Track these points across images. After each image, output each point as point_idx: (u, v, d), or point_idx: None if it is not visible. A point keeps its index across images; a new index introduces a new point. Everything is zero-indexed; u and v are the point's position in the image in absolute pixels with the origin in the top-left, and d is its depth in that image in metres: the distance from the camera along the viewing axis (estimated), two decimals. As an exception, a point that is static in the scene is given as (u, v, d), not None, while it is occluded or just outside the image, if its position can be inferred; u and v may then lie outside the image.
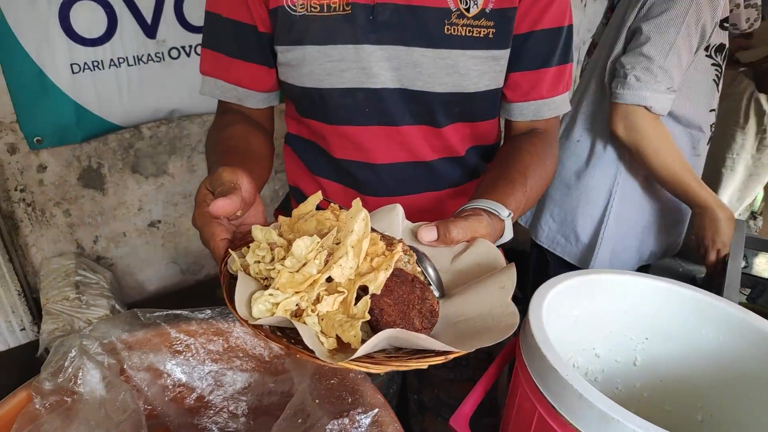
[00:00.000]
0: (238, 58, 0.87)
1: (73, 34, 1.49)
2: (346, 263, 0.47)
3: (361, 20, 0.79)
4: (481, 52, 0.82)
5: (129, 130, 1.70)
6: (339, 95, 0.84)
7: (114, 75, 1.58)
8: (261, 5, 0.82)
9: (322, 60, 0.81)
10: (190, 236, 1.95)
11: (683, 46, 1.13)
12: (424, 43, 0.80)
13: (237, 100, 0.90)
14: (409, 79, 0.83)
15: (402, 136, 0.88)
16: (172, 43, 1.65)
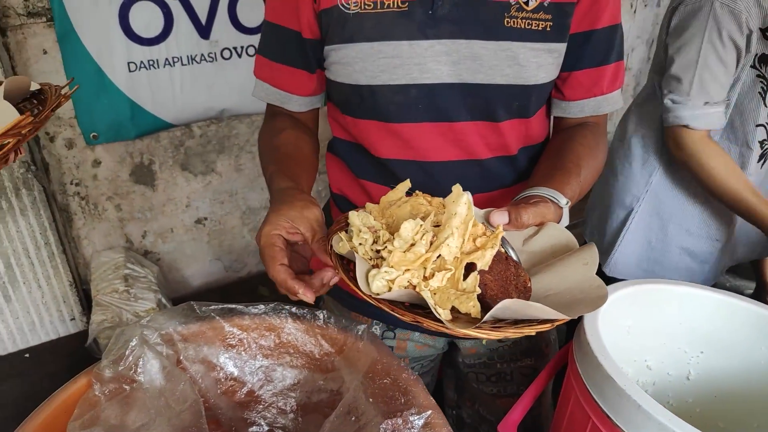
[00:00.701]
0: (281, 62, 0.90)
1: (131, 33, 1.55)
2: (453, 242, 0.51)
3: (419, 16, 0.80)
4: (539, 44, 0.83)
5: (180, 128, 1.75)
6: (391, 92, 0.84)
7: (168, 74, 1.63)
8: (310, 10, 0.85)
9: (375, 56, 0.83)
10: (234, 234, 1.99)
11: (712, 60, 1.13)
12: (484, 35, 0.81)
13: (280, 102, 0.93)
14: (469, 73, 0.83)
15: (457, 133, 0.88)
16: (224, 43, 1.69)
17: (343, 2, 0.81)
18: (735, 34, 1.12)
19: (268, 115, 0.98)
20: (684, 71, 1.16)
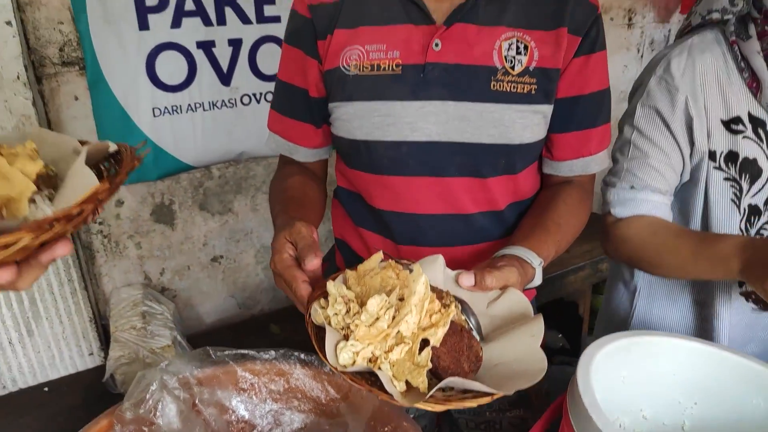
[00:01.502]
0: (290, 117, 1.00)
1: (156, 81, 1.63)
2: (411, 319, 0.57)
3: (411, 79, 0.88)
4: (524, 106, 0.89)
5: (200, 169, 1.83)
6: (384, 147, 0.92)
7: (190, 119, 1.71)
8: (316, 71, 0.94)
9: (371, 114, 0.90)
10: (248, 272, 2.04)
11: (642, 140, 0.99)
12: (471, 98, 0.88)
13: (289, 153, 1.03)
14: (457, 132, 0.89)
15: (445, 188, 0.94)
16: (244, 90, 1.78)
17: (344, 65, 0.90)
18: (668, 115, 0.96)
19: (280, 164, 1.08)
20: (619, 151, 1.04)
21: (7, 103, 1.42)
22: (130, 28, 1.55)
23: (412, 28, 0.88)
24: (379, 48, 0.88)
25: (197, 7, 1.61)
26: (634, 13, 2.69)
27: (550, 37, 0.87)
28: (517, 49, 0.87)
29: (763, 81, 0.90)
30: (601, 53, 0.92)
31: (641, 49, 2.81)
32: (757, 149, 0.93)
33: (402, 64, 0.88)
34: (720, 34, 0.95)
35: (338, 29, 0.90)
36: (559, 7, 0.87)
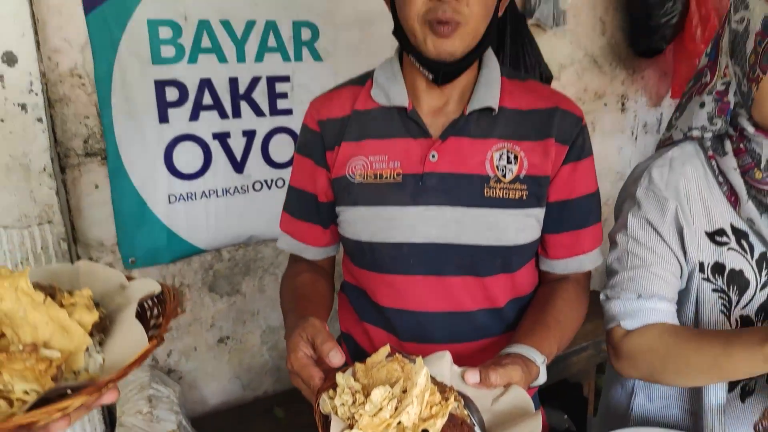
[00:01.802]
0: (300, 219, 1.08)
1: (173, 169, 1.71)
2: (412, 410, 0.60)
3: (411, 186, 0.95)
4: (517, 210, 0.95)
5: (211, 252, 1.87)
6: (387, 248, 0.98)
7: (204, 205, 1.78)
8: (325, 178, 1.03)
9: (374, 218, 0.97)
10: (254, 353, 2.05)
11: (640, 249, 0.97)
12: (467, 203, 0.94)
13: (299, 252, 1.10)
14: (454, 234, 0.95)
15: (445, 286, 0.99)
16: (256, 177, 1.85)
17: (350, 173, 0.99)
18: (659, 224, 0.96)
19: (291, 261, 1.16)
20: (616, 262, 1.01)
21: (32, 193, 1.48)
22: (151, 121, 1.64)
23: (411, 141, 0.96)
24: (381, 159, 0.96)
25: (215, 102, 1.70)
26: (627, 98, 2.81)
27: (539, 147, 0.95)
28: (508, 158, 0.94)
29: (741, 197, 0.91)
30: (588, 159, 0.98)
31: (635, 132, 2.92)
32: (742, 261, 0.93)
33: (402, 173, 0.96)
34: (699, 147, 0.97)
35: (345, 142, 0.99)
36: (546, 120, 0.95)
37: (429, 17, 0.86)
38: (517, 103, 0.97)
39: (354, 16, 1.85)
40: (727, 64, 0.92)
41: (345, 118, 1.00)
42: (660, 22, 2.41)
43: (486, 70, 0.97)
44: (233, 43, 1.69)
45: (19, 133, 1.44)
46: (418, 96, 0.98)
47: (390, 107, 0.98)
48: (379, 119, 0.98)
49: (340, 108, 1.01)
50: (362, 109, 0.99)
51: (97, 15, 1.50)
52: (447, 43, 0.87)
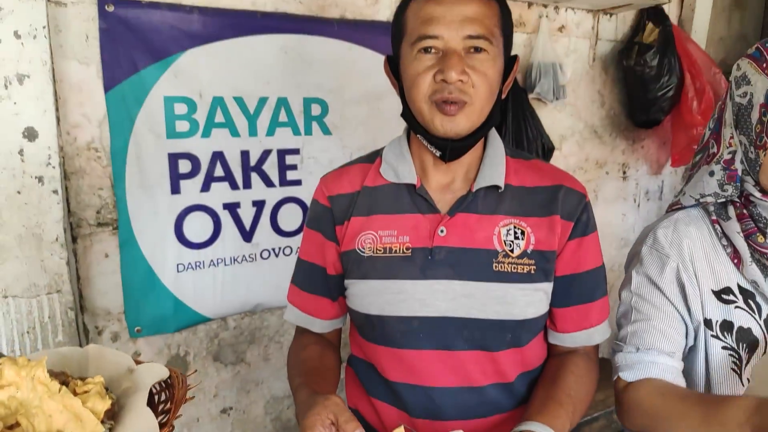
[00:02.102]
0: (309, 292, 1.08)
1: (183, 239, 1.72)
2: None
3: (420, 260, 0.96)
4: (525, 285, 0.96)
5: (216, 321, 1.86)
6: (397, 322, 0.97)
7: (212, 274, 1.78)
8: (335, 252, 1.04)
9: (384, 292, 0.97)
10: (257, 424, 2.00)
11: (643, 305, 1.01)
12: (476, 277, 0.95)
13: (306, 324, 1.10)
14: (464, 309, 0.95)
15: (455, 361, 0.98)
16: (264, 245, 1.86)
17: (360, 247, 1.00)
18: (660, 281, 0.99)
19: (297, 333, 1.15)
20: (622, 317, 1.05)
21: (43, 263, 1.49)
22: (163, 192, 1.67)
23: (420, 217, 0.98)
24: (391, 233, 0.98)
25: (226, 173, 1.74)
26: (628, 166, 2.86)
27: (545, 223, 0.97)
28: (515, 234, 0.96)
29: (745, 259, 0.94)
30: (593, 235, 1.00)
31: (638, 199, 2.95)
32: (750, 319, 0.95)
33: (412, 247, 0.97)
34: (704, 211, 1.02)
35: (354, 216, 1.01)
36: (551, 198, 0.98)
37: (436, 98, 0.89)
38: (522, 180, 1.00)
39: (361, 93, 1.91)
40: (732, 135, 0.97)
41: (355, 194, 1.02)
42: (657, 95, 2.49)
43: (491, 149, 1.00)
44: (246, 119, 1.74)
45: (35, 205, 1.46)
46: (426, 173, 1.00)
47: (399, 184, 1.00)
48: (388, 195, 1.00)
49: (349, 184, 1.03)
50: (372, 186, 1.02)
51: (116, 92, 1.56)
52: (454, 122, 0.90)
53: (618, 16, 2.60)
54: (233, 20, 1.68)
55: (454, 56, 0.87)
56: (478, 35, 0.88)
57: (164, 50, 1.60)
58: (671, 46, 2.47)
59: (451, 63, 0.87)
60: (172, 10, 1.59)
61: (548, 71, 2.28)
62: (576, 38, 2.50)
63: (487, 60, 0.89)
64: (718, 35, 3.06)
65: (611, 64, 2.64)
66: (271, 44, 1.75)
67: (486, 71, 0.89)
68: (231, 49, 1.69)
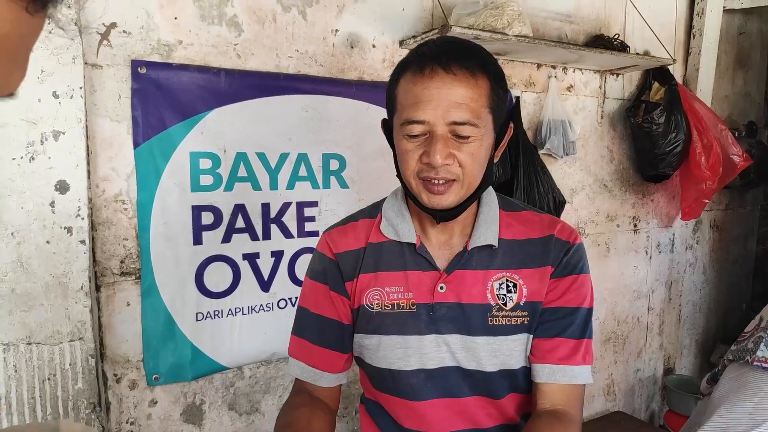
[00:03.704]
0: (320, 345, 1.05)
1: (203, 288, 1.71)
2: None
3: (424, 316, 0.98)
4: (519, 336, 0.98)
5: (233, 370, 1.83)
6: (406, 375, 0.99)
7: (230, 323, 1.76)
8: (347, 306, 1.04)
9: (393, 347, 0.99)
10: (270, 475, 1.93)
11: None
12: (472, 332, 0.98)
13: (312, 380, 1.06)
14: (465, 360, 0.97)
15: (462, 407, 1.00)
16: (281, 295, 1.84)
17: (368, 303, 1.01)
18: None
19: (294, 391, 1.10)
20: None
21: (67, 311, 1.49)
22: (186, 243, 1.67)
23: (422, 274, 1.00)
24: (397, 290, 1.00)
25: (246, 225, 1.75)
26: (638, 219, 2.82)
27: (537, 274, 0.98)
28: (507, 287, 0.98)
29: None
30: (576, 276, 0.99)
31: (649, 252, 2.89)
32: None
33: (416, 303, 0.99)
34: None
35: (362, 274, 1.01)
36: (543, 249, 1.00)
37: (422, 176, 0.90)
38: (515, 234, 1.01)
39: (377, 149, 1.93)
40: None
41: (360, 251, 1.02)
42: (665, 150, 2.48)
43: (485, 207, 1.02)
44: (267, 173, 1.76)
45: (62, 254, 1.47)
46: (424, 230, 1.02)
47: (401, 242, 1.01)
48: (392, 252, 1.02)
49: (355, 240, 1.04)
50: (375, 242, 1.02)
51: (145, 148, 1.59)
52: (440, 198, 0.91)
53: (624, 76, 2.63)
54: (258, 81, 1.72)
55: (439, 141, 0.87)
56: (463, 122, 0.87)
57: (192, 109, 1.63)
58: (677, 104, 2.47)
59: (436, 149, 0.86)
60: (200, 71, 1.63)
61: (558, 128, 2.29)
62: (584, 97, 2.52)
63: (475, 141, 0.89)
64: (722, 93, 3.07)
65: (619, 122, 2.65)
66: (293, 104, 1.78)
67: (473, 152, 0.89)
68: (255, 107, 1.72)
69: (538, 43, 1.94)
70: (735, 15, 3.02)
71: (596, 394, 2.78)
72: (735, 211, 3.31)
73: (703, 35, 2.77)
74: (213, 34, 1.67)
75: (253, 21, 1.72)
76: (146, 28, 1.58)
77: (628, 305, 2.82)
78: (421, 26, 2.01)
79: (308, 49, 1.82)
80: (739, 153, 2.61)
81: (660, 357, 3.06)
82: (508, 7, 1.86)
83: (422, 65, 0.87)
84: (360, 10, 1.91)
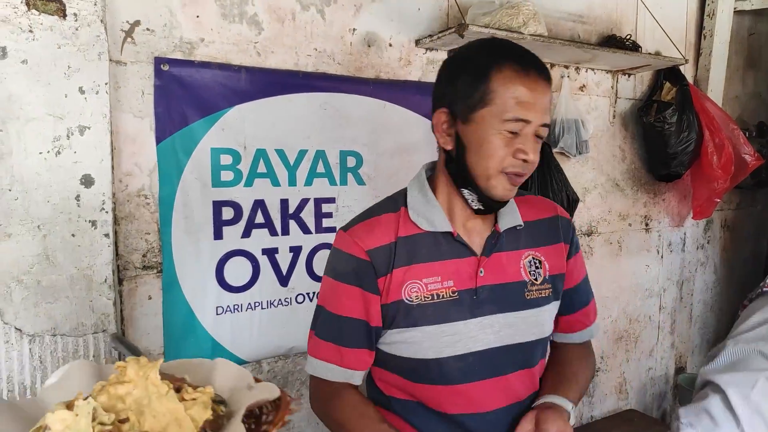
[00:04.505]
0: (350, 346, 1.04)
1: (223, 283, 1.72)
2: None
3: (467, 301, 1.02)
4: (550, 305, 1.10)
5: (251, 364, 1.83)
6: (455, 360, 1.01)
7: (249, 317, 1.76)
8: (377, 304, 1.03)
9: (439, 336, 1.00)
10: (288, 469, 1.92)
11: None
12: (514, 308, 1.05)
13: (346, 379, 1.06)
14: (509, 337, 1.04)
15: (506, 383, 1.06)
16: (299, 290, 1.84)
17: (407, 297, 1.01)
18: None
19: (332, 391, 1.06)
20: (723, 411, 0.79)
21: (92, 303, 1.49)
22: (207, 237, 1.67)
23: (460, 261, 1.03)
24: (435, 280, 1.01)
25: (266, 220, 1.75)
26: (650, 219, 2.80)
27: (554, 250, 1.11)
28: (536, 264, 1.08)
29: None
30: (579, 251, 1.18)
31: (661, 251, 2.88)
32: None
33: (457, 290, 1.02)
34: None
35: (396, 268, 1.01)
36: (554, 227, 1.13)
37: (510, 170, 0.95)
38: (528, 215, 1.10)
39: (394, 147, 1.93)
40: None
41: (391, 245, 1.02)
42: (677, 150, 2.46)
43: None
44: (286, 169, 1.76)
45: (87, 247, 1.48)
46: (454, 218, 1.05)
47: (435, 232, 1.03)
48: (425, 244, 1.02)
49: (384, 235, 1.02)
50: (406, 236, 1.02)
51: (167, 144, 1.60)
52: (513, 190, 1.00)
53: (636, 77, 2.62)
54: (277, 79, 1.73)
55: (534, 141, 0.96)
56: (546, 125, 0.98)
57: (213, 106, 1.64)
58: (689, 104, 2.46)
59: (535, 147, 0.96)
60: (222, 69, 1.64)
61: (571, 127, 2.28)
62: (596, 97, 2.51)
63: None
64: (733, 94, 3.05)
65: (630, 121, 2.64)
66: (312, 101, 1.79)
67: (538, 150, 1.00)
68: (274, 105, 1.73)
69: (552, 42, 1.94)
70: (745, 16, 3.01)
71: (608, 392, 2.76)
72: (746, 210, 3.28)
73: (714, 36, 2.76)
74: (234, 33, 1.67)
75: (273, 19, 1.73)
76: (169, 26, 1.59)
77: (640, 304, 2.80)
78: (437, 26, 2.01)
79: (326, 47, 1.83)
80: (751, 152, 2.59)
81: (671, 356, 3.04)
82: (524, 7, 1.86)
83: (525, 67, 0.94)
84: (377, 10, 1.91)
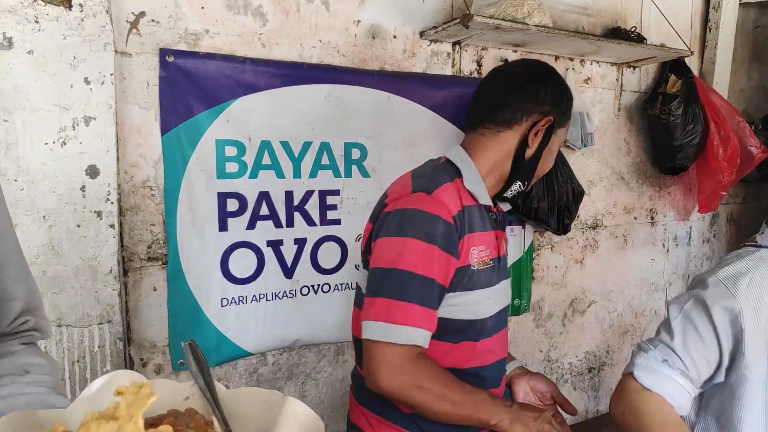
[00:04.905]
0: (433, 308, 1.04)
1: (228, 274, 1.71)
2: None
3: (496, 268, 1.16)
4: None
5: (256, 356, 1.82)
6: (488, 319, 1.14)
7: (253, 309, 1.75)
8: (454, 267, 1.06)
9: (485, 299, 1.12)
10: (293, 461, 1.91)
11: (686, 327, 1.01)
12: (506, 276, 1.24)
13: (424, 342, 1.03)
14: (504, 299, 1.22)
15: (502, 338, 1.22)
16: (304, 282, 1.84)
17: (472, 261, 1.09)
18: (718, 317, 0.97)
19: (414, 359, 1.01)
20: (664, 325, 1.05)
21: (97, 294, 1.49)
22: (212, 229, 1.67)
23: (491, 233, 1.16)
24: (483, 248, 1.12)
25: (271, 212, 1.74)
26: (656, 212, 2.78)
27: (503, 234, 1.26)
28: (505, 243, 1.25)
29: None
30: None
31: (666, 244, 2.85)
32: None
33: (492, 258, 1.14)
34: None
35: (467, 234, 1.08)
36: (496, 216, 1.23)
37: None
38: None
39: (398, 139, 1.92)
40: None
41: (463, 211, 1.08)
42: (683, 142, 2.44)
43: None
44: (291, 161, 1.75)
45: (92, 238, 1.47)
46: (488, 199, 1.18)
47: (480, 205, 1.14)
48: (477, 215, 1.12)
49: (457, 201, 1.08)
50: (467, 205, 1.10)
51: (172, 135, 1.59)
52: None
53: (641, 69, 2.60)
54: (282, 71, 1.72)
55: None
56: None
57: (218, 97, 1.63)
58: (695, 96, 2.44)
59: None
60: (226, 60, 1.63)
61: (576, 120, 2.26)
62: (601, 89, 2.50)
63: None
64: (738, 87, 3.02)
65: (636, 114, 2.62)
66: (316, 93, 1.78)
67: None
68: (279, 97, 1.72)
69: (557, 33, 1.92)
70: (751, 9, 2.98)
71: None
72: (752, 204, 3.25)
73: (720, 29, 2.73)
74: (239, 24, 1.67)
75: (278, 11, 1.72)
76: (174, 18, 1.58)
77: (646, 298, 2.78)
78: (441, 17, 2.00)
79: (331, 39, 1.82)
80: (757, 145, 2.57)
81: (677, 350, 3.01)
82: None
83: None
84: (381, 2, 1.90)
